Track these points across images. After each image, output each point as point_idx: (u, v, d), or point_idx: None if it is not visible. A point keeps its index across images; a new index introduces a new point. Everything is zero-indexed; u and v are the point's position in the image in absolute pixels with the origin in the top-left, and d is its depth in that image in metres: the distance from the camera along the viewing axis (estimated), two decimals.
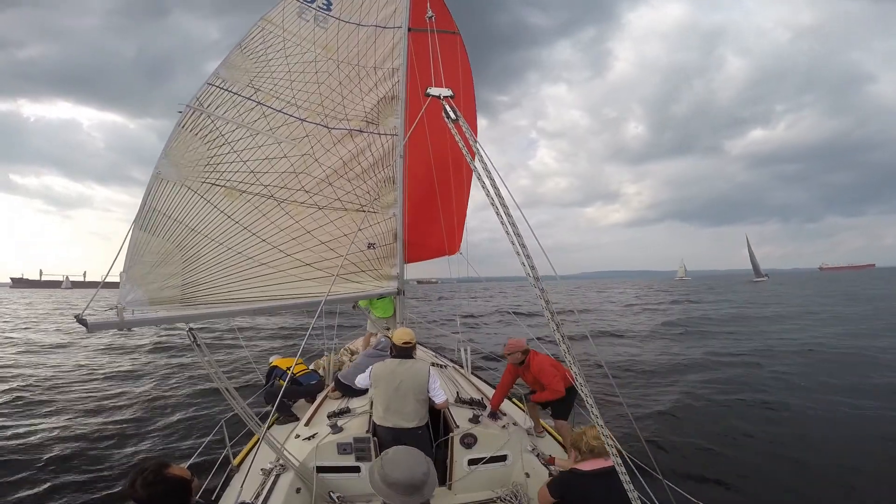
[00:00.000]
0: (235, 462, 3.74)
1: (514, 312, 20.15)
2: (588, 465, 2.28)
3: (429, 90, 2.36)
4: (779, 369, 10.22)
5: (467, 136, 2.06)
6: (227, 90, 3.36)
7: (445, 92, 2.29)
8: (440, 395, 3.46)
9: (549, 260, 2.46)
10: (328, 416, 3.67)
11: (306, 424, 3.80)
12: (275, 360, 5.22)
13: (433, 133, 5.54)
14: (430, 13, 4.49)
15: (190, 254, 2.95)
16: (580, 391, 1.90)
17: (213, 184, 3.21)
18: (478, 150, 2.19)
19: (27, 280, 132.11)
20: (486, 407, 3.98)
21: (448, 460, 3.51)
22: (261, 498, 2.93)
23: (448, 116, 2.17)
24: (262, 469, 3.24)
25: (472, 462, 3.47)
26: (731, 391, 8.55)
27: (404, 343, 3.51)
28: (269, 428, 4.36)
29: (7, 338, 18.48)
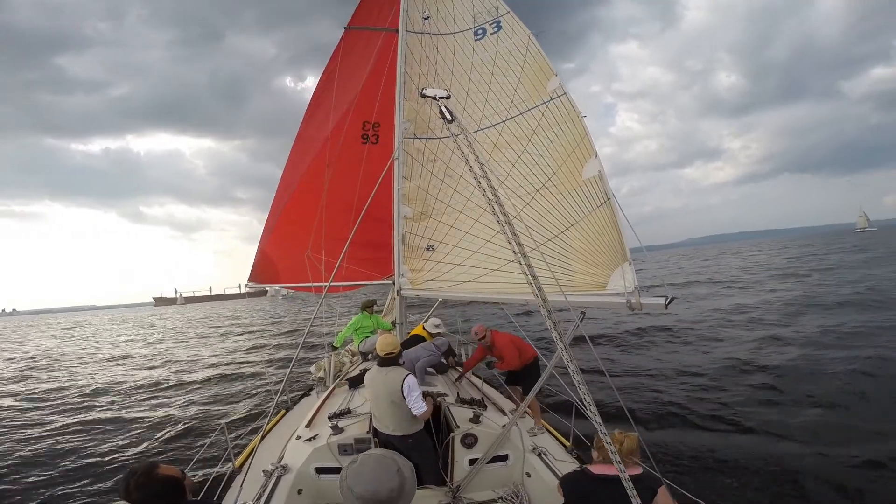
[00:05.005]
0: (237, 463, 3.75)
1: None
2: (601, 469, 2.20)
3: (424, 91, 2.36)
4: None
5: (462, 139, 2.07)
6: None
7: (440, 93, 2.29)
8: (418, 407, 3.26)
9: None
10: (329, 418, 3.67)
11: (307, 426, 3.81)
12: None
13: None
14: (426, 14, 4.51)
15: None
16: (577, 385, 1.91)
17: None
18: (472, 147, 2.20)
19: (165, 298, 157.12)
20: (486, 406, 3.98)
21: (449, 460, 3.51)
22: (262, 499, 2.93)
23: (444, 117, 2.18)
24: (263, 470, 3.24)
25: (472, 462, 3.47)
26: None
27: (387, 354, 3.44)
28: (269, 430, 4.38)
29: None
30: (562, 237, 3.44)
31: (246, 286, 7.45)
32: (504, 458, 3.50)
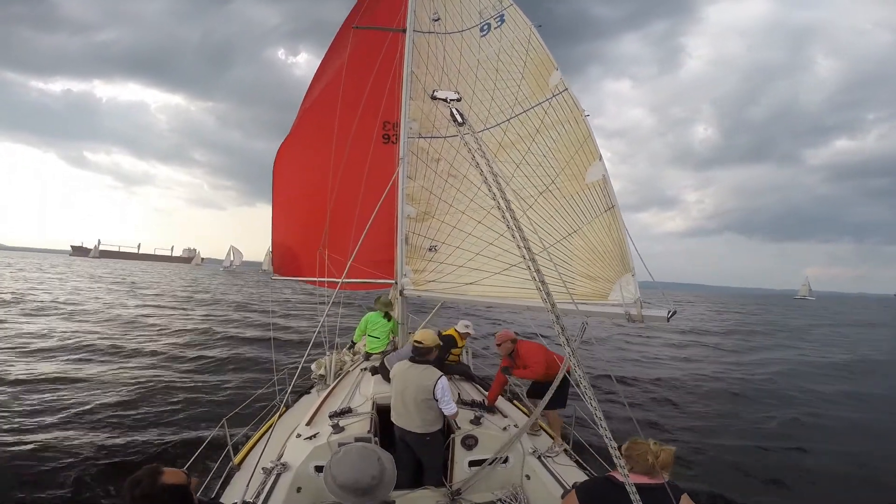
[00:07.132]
0: (236, 461, 3.75)
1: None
2: (631, 478, 2.07)
3: (435, 93, 2.36)
4: None
5: (472, 141, 2.06)
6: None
7: (452, 95, 2.28)
8: (450, 408, 3.37)
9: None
10: (330, 416, 3.67)
11: (308, 424, 3.81)
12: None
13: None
14: (436, 15, 4.50)
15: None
16: (583, 391, 1.91)
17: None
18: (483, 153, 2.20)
19: (84, 248, 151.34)
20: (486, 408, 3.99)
21: (449, 461, 3.51)
22: (261, 497, 2.92)
23: (455, 120, 2.17)
24: (263, 468, 3.24)
25: (472, 463, 3.47)
26: None
27: (416, 342, 3.48)
28: (269, 427, 4.38)
29: None
30: (564, 243, 3.38)
31: (272, 278, 7.77)
32: (504, 459, 3.50)
